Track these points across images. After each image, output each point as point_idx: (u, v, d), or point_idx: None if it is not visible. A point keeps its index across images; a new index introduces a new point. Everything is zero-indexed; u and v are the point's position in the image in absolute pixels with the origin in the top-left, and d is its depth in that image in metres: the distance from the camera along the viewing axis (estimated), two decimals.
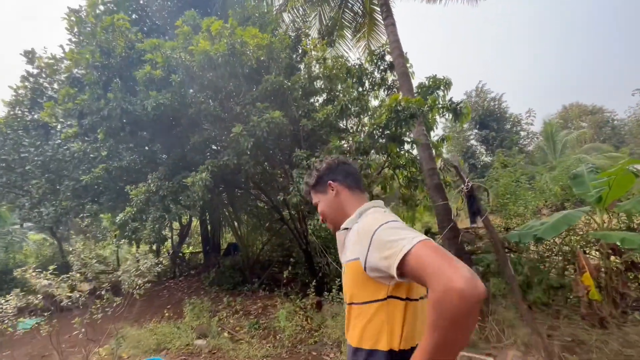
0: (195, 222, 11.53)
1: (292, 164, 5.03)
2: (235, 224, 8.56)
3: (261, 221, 9.45)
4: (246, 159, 4.75)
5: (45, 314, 2.87)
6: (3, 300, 2.67)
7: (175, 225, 11.49)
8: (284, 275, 5.93)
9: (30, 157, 7.14)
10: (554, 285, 4.70)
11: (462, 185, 2.68)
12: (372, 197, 7.18)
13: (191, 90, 4.85)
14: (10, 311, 2.61)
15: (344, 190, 1.26)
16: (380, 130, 4.52)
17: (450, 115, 7.06)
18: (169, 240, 11.31)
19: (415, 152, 6.54)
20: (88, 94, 4.43)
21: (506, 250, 4.85)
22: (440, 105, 6.87)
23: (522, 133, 21.42)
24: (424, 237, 0.91)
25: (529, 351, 3.39)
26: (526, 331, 3.66)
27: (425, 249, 0.87)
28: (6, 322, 2.79)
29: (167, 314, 5.87)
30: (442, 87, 6.69)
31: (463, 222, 6.56)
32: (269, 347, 4.17)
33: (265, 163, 6.37)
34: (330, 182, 1.27)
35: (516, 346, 3.59)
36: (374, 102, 7.46)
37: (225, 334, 4.70)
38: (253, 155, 4.90)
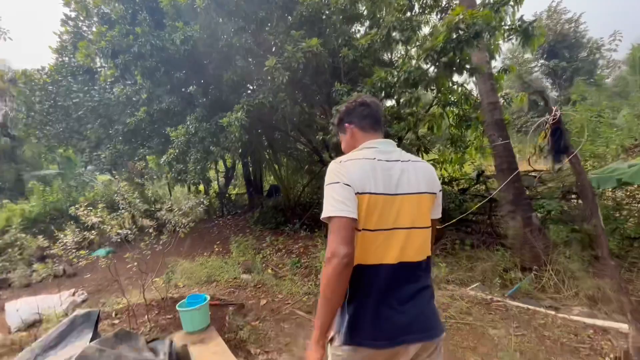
0: (239, 165, 11.85)
1: (332, 102, 4.63)
2: (275, 166, 8.56)
3: (301, 164, 9.41)
4: (282, 96, 4.43)
5: (108, 247, 3.05)
6: (62, 235, 2.86)
7: (221, 167, 11.93)
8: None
9: (81, 102, 7.43)
10: (631, 236, 4.12)
11: (547, 116, 2.15)
12: (418, 138, 6.65)
13: (220, 20, 4.44)
14: (70, 245, 2.79)
15: (358, 132, 1.35)
16: (435, 56, 3.85)
17: (519, 39, 5.92)
18: (215, 181, 11.87)
19: (470, 86, 5.71)
20: (117, 29, 4.23)
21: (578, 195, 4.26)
22: (507, 26, 5.75)
23: (601, 62, 18.13)
24: (334, 214, 1.12)
25: (595, 306, 3.05)
26: (592, 284, 3.28)
27: (331, 224, 1.13)
28: (71, 254, 3.01)
29: (216, 249, 6.27)
30: (511, 2, 5.51)
31: (523, 165, 5.87)
32: (311, 284, 4.26)
33: (304, 103, 6.01)
34: (347, 124, 1.37)
35: (579, 299, 3.26)
36: (425, 30, 6.47)
37: (269, 271, 4.89)
38: (289, 92, 4.55)
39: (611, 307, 2.92)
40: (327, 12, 4.13)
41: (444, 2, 6.37)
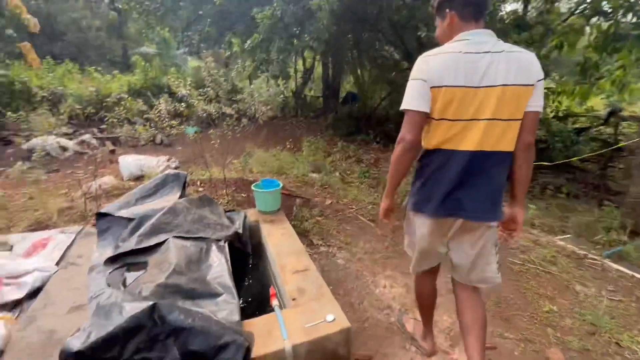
0: (318, 67, 11.30)
1: None
2: (358, 70, 7.90)
3: (384, 73, 8.56)
4: None
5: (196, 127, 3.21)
6: (157, 103, 3.04)
7: (300, 66, 11.55)
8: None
9: None
10: None
11: None
12: (540, 58, 5.33)
13: None
14: (164, 113, 2.98)
15: (457, 20, 1.29)
16: None
17: None
18: (293, 82, 11.66)
19: None
20: None
21: None
22: None
23: None
24: (406, 107, 1.26)
25: None
26: None
27: (405, 115, 1.29)
28: (165, 123, 3.24)
29: (288, 145, 6.45)
30: None
31: None
32: (377, 196, 4.19)
33: None
34: (448, 9, 1.30)
35: None
36: None
37: (337, 174, 4.91)
38: None
39: None
40: None
41: None
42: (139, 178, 4.86)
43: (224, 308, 1.46)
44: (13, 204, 3.80)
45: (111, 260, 1.71)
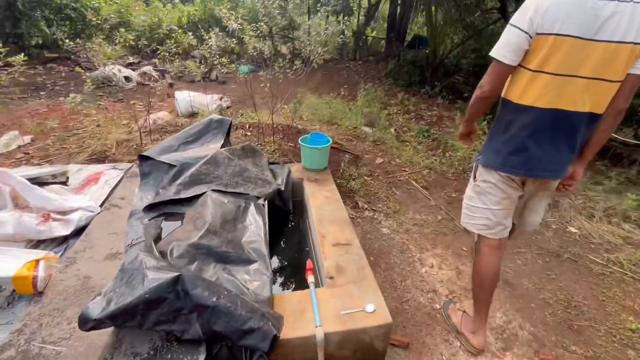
0: (385, 3, 10.01)
1: None
2: (433, 8, 6.79)
3: (463, 13, 7.26)
4: None
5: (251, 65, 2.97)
6: (207, 37, 2.80)
7: (365, 2, 10.35)
8: (470, 91, 4.74)
9: None
10: None
11: None
12: None
13: None
14: (215, 49, 2.75)
15: None
16: None
17: None
18: (355, 19, 10.58)
19: None
20: None
21: None
22: None
23: None
24: (495, 55, 1.18)
25: None
26: None
27: (492, 62, 1.21)
28: (216, 59, 3.03)
29: (342, 93, 6.00)
30: None
31: None
32: (435, 160, 3.76)
33: None
34: None
35: None
36: None
37: (392, 130, 4.48)
38: None
39: None
40: None
41: None
42: (193, 115, 4.89)
43: (256, 279, 1.35)
44: (82, 130, 4.05)
45: (149, 208, 1.68)
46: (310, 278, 1.46)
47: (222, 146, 2.17)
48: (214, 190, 1.77)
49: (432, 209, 2.93)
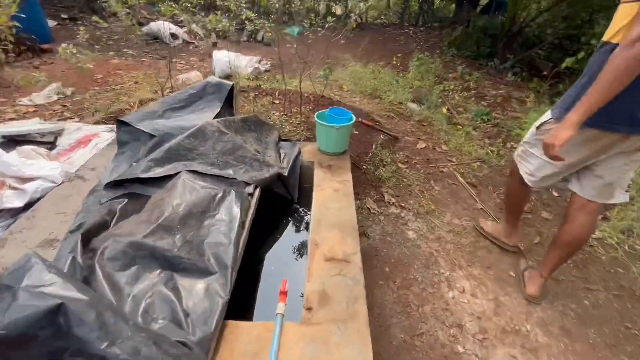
0: None
1: None
2: None
3: None
4: None
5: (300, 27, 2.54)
6: None
7: None
8: (553, 68, 3.77)
9: None
10: None
11: None
12: None
13: None
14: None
15: None
16: None
17: None
18: None
19: None
20: None
21: None
22: None
23: None
24: None
25: None
26: None
27: None
28: (242, 14, 2.63)
29: (393, 62, 5.28)
30: None
31: None
32: (491, 150, 3.08)
33: None
34: None
35: None
36: None
37: (444, 110, 3.78)
38: None
39: None
40: None
41: None
42: (228, 77, 4.62)
43: (205, 301, 1.02)
44: (120, 86, 4.01)
45: (112, 186, 1.42)
46: (281, 307, 1.10)
47: (219, 116, 1.83)
48: (190, 171, 1.44)
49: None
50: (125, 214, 1.29)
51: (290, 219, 1.85)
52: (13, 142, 1.84)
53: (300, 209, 1.93)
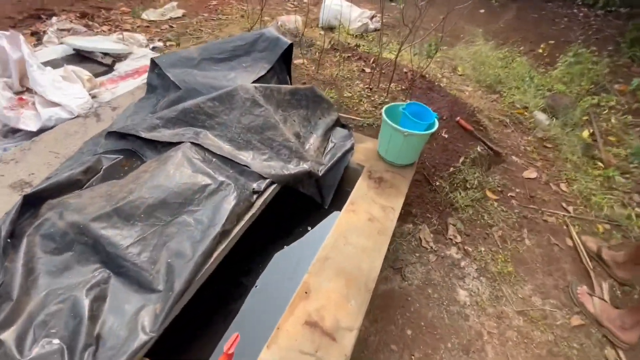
0: None
1: None
2: None
3: None
4: None
5: None
6: None
7: None
8: None
9: None
10: None
11: None
12: None
13: None
14: None
15: None
16: None
17: None
18: None
19: None
20: None
21: None
22: None
23: None
24: None
25: None
26: None
27: None
28: None
29: (539, 51, 4.06)
30: None
31: None
32: (639, 215, 2.12)
33: None
34: None
35: None
36: None
37: (585, 133, 2.76)
38: None
39: None
40: None
41: None
42: (331, 28, 4.17)
43: (120, 331, 0.78)
44: (226, 17, 3.97)
45: (114, 136, 1.24)
46: None
47: (263, 81, 1.48)
48: (194, 143, 1.17)
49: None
50: (108, 176, 1.11)
51: (309, 227, 1.49)
52: (79, 56, 1.83)
53: (328, 219, 1.55)
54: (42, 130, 1.28)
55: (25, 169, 1.11)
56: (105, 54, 1.81)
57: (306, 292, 1.00)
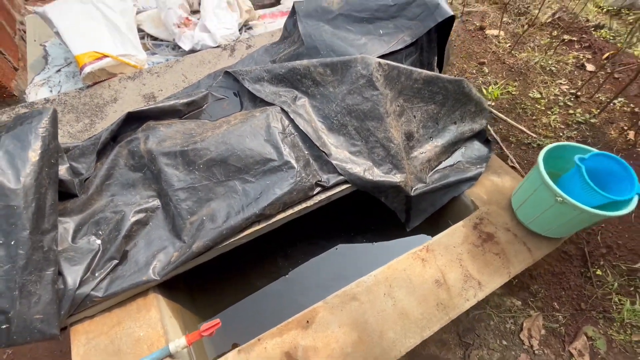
0: None
1: None
2: None
3: None
4: None
5: None
6: None
7: None
8: None
9: None
10: None
11: None
12: None
13: None
14: None
15: None
16: None
17: None
18: None
19: None
20: None
21: None
22: None
23: None
24: None
25: None
26: None
27: None
28: None
29: None
30: None
31: None
32: None
33: None
34: None
35: None
36: None
37: None
38: None
39: None
40: None
41: None
42: None
43: (139, 261, 0.86)
44: None
45: (227, 76, 1.23)
46: (178, 344, 0.81)
47: (392, 57, 1.16)
48: (283, 110, 1.06)
49: None
50: (208, 112, 1.16)
51: (374, 241, 1.26)
52: None
53: (400, 244, 1.27)
54: (192, 51, 1.44)
55: (159, 85, 1.29)
56: None
57: (308, 322, 0.87)
